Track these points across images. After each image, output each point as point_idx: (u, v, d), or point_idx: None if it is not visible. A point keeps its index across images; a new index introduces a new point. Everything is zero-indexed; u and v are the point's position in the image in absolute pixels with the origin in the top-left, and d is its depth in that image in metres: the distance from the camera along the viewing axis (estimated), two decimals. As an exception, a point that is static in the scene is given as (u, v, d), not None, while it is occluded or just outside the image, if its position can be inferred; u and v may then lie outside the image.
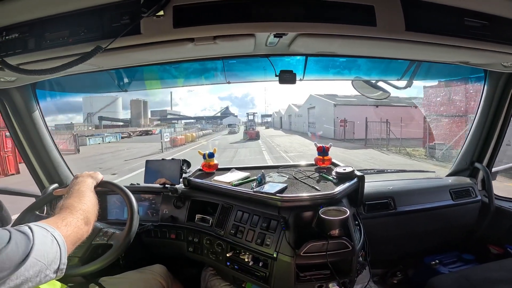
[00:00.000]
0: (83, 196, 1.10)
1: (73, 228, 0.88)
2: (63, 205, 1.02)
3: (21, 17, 1.04)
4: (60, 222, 0.86)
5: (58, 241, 0.77)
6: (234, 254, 1.51)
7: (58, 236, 0.78)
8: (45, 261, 0.70)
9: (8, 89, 1.64)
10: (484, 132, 2.05)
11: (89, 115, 54.05)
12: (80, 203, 1.03)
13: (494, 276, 1.50)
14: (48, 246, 0.73)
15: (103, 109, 56.20)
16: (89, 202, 1.08)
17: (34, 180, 1.98)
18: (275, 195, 1.42)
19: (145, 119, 65.23)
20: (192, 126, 55.34)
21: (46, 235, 0.75)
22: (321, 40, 1.14)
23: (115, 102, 57.99)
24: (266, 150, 17.94)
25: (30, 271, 0.66)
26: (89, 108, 54.55)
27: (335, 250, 1.32)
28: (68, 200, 1.05)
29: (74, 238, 0.87)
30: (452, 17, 1.10)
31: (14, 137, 1.82)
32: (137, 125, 56.86)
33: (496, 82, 1.87)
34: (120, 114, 61.11)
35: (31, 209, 1.41)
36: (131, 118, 61.76)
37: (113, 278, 1.39)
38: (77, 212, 0.97)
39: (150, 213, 1.80)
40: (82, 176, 1.29)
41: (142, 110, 64.23)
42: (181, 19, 0.99)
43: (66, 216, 0.92)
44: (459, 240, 2.22)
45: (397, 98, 17.32)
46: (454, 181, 2.18)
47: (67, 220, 0.89)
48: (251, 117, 42.66)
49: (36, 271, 0.68)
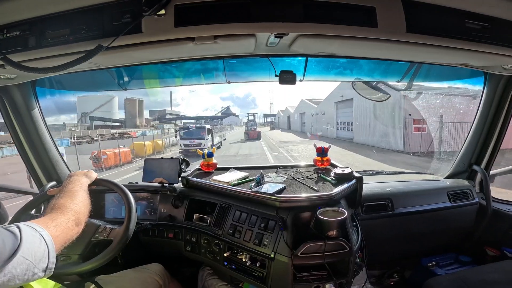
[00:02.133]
0: (75, 196, 1.11)
1: (62, 229, 0.90)
2: (54, 204, 1.02)
3: (23, 15, 1.04)
4: (50, 222, 0.88)
5: (46, 241, 0.78)
6: (231, 254, 1.51)
7: (46, 236, 0.79)
8: (32, 260, 0.72)
9: (8, 87, 1.63)
10: (483, 135, 2.06)
11: (83, 115, 50.84)
12: (72, 203, 1.04)
13: (490, 278, 1.51)
14: (36, 245, 0.74)
15: (98, 108, 54.08)
16: (80, 203, 1.08)
17: (32, 177, 1.97)
18: (273, 195, 1.42)
19: (140, 119, 62.19)
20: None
21: (34, 234, 0.76)
22: (322, 41, 1.13)
23: (111, 101, 55.25)
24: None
25: (18, 268, 0.68)
26: (84, 108, 51.07)
27: (332, 251, 1.32)
28: (60, 200, 1.06)
29: (63, 239, 0.89)
30: (453, 19, 1.10)
31: (13, 135, 1.82)
32: (132, 125, 54.18)
33: (495, 84, 1.88)
34: (116, 114, 58.08)
35: (27, 209, 1.40)
36: (126, 118, 58.78)
37: (110, 277, 1.39)
38: (69, 213, 0.98)
39: (148, 212, 1.79)
40: (76, 174, 1.29)
41: (138, 109, 61.26)
42: (182, 18, 0.99)
43: (56, 216, 0.94)
44: (456, 242, 2.22)
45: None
46: (452, 183, 2.18)
47: (58, 220, 0.91)
48: (251, 117, 41.11)
49: (24, 269, 0.69)
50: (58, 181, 1.95)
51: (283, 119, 55.08)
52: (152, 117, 75.61)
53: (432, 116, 9.15)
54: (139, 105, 61.67)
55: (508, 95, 1.87)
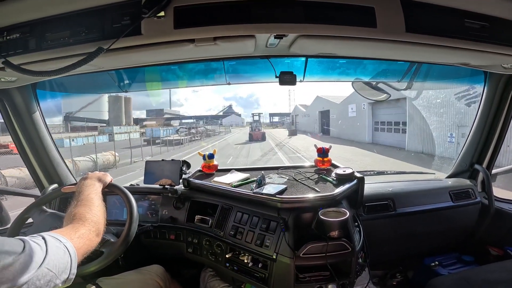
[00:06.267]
0: (93, 204, 1.11)
1: (85, 240, 0.91)
2: (74, 214, 1.03)
3: (23, 17, 1.04)
4: (73, 233, 0.89)
5: (70, 252, 0.79)
6: (233, 255, 1.50)
7: (71, 247, 0.80)
8: (56, 271, 0.72)
9: (9, 89, 1.64)
10: (484, 134, 2.05)
11: (68, 115, 43.35)
12: (91, 213, 1.05)
13: (493, 278, 1.50)
14: (60, 257, 0.75)
15: (85, 108, 47.18)
16: (99, 212, 1.09)
17: (34, 180, 1.98)
18: (275, 196, 1.42)
19: (127, 119, 53.65)
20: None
21: (59, 246, 0.77)
22: (322, 41, 1.13)
23: (99, 100, 49.22)
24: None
25: (42, 280, 0.68)
26: (69, 108, 43.27)
27: (334, 251, 1.32)
28: (79, 209, 1.06)
29: (85, 250, 0.90)
30: (452, 18, 1.10)
31: (14, 137, 1.82)
32: (117, 125, 44.61)
33: (496, 83, 1.88)
34: (105, 114, 51.55)
35: (37, 205, 1.41)
36: (109, 118, 50.75)
37: (111, 279, 1.39)
38: (89, 224, 0.99)
39: (150, 213, 1.79)
40: (91, 178, 1.29)
41: (124, 108, 53.00)
42: (181, 20, 0.99)
43: (79, 227, 0.95)
44: (458, 241, 2.21)
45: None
46: (454, 182, 2.18)
47: (80, 232, 0.92)
48: (256, 117, 38.23)
49: (47, 281, 0.70)
50: (59, 183, 1.95)
51: (304, 120, 40.33)
52: (149, 116, 72.57)
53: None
54: (126, 103, 53.59)
55: (508, 94, 1.87)
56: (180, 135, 32.60)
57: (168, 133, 35.66)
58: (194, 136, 34.68)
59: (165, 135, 32.36)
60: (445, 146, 12.24)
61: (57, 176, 1.99)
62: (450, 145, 11.82)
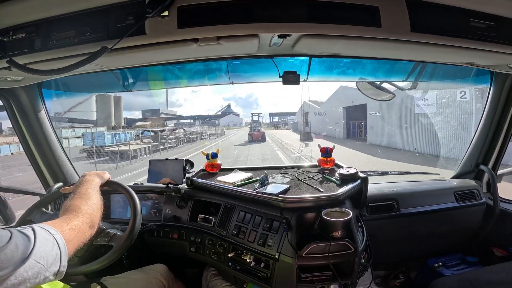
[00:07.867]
0: (89, 198, 1.12)
1: (77, 232, 0.90)
2: (69, 206, 1.03)
3: (28, 17, 1.05)
4: (65, 225, 0.88)
5: (59, 244, 0.78)
6: (236, 254, 1.51)
7: (60, 239, 0.79)
8: (44, 263, 0.72)
9: (15, 89, 1.66)
10: (490, 134, 2.03)
11: (56, 115, 40.58)
12: (86, 206, 1.05)
13: (497, 279, 1.49)
14: (48, 249, 0.74)
15: (74, 108, 39.99)
16: (94, 205, 1.09)
17: (39, 178, 2.00)
18: (278, 196, 1.42)
19: (117, 119, 47.07)
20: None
21: (48, 238, 0.76)
22: (325, 41, 1.13)
23: (89, 99, 41.86)
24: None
25: (29, 272, 0.68)
26: (58, 108, 39.46)
27: (337, 251, 1.31)
28: (75, 201, 1.07)
29: (77, 242, 0.89)
30: (457, 18, 1.09)
31: (20, 136, 1.84)
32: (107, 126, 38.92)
33: (502, 83, 1.86)
34: (93, 114, 44.10)
35: (38, 206, 1.43)
36: (97, 119, 44.69)
37: (115, 278, 1.40)
38: (83, 215, 0.99)
39: (153, 212, 1.80)
40: (90, 175, 1.31)
41: (113, 108, 47.20)
42: (185, 19, 0.99)
43: (72, 218, 0.94)
44: (463, 242, 2.20)
45: None
46: (459, 183, 2.16)
47: (73, 223, 0.91)
48: (256, 117, 38.64)
49: (35, 273, 0.69)
50: (64, 182, 1.97)
51: (315, 120, 31.58)
52: (144, 117, 70.46)
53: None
54: (116, 103, 47.68)
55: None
56: (142, 142, 23.78)
57: (120, 138, 23.49)
58: (165, 143, 23.79)
59: (113, 143, 21.79)
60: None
61: (62, 174, 2.01)
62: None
